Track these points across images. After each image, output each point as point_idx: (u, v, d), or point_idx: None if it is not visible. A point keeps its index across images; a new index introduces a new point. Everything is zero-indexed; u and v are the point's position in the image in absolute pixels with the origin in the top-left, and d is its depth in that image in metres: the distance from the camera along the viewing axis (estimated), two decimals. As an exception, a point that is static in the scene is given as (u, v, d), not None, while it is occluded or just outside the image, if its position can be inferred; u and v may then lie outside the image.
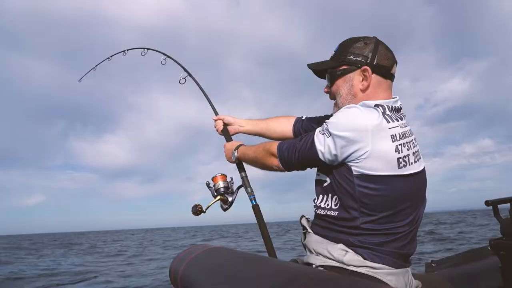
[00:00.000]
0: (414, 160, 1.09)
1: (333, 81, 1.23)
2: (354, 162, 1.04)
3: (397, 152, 1.03)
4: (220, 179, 1.62)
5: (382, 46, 1.18)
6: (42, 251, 18.65)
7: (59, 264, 11.51)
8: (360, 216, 1.06)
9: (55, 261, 12.86)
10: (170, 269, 1.32)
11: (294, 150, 1.17)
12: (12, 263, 12.20)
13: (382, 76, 1.16)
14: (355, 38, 1.21)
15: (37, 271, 9.63)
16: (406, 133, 1.09)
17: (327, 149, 1.07)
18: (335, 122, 1.07)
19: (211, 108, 1.93)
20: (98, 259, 13.26)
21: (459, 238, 12.15)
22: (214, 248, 1.33)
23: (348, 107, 1.10)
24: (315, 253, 1.15)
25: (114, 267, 10.23)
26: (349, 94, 1.18)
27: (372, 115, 1.05)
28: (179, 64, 2.11)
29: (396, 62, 1.20)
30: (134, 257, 12.46)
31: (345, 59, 1.18)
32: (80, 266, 10.80)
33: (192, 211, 1.53)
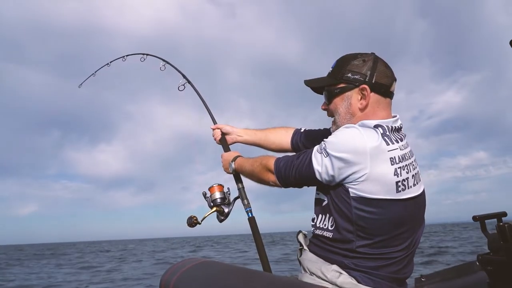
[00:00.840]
0: (413, 183, 1.06)
1: (331, 99, 1.21)
2: (352, 184, 1.02)
3: (396, 175, 1.01)
4: (217, 189, 1.60)
5: (381, 63, 1.15)
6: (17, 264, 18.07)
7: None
8: (356, 240, 1.04)
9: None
10: (161, 281, 1.28)
11: (292, 167, 1.15)
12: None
13: (381, 95, 1.14)
14: (352, 54, 1.18)
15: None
16: (406, 155, 1.07)
17: (324, 169, 1.05)
18: (333, 142, 1.05)
19: (209, 116, 1.90)
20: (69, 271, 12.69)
21: (442, 252, 12.09)
22: (206, 261, 1.31)
23: (347, 127, 1.08)
24: (309, 272, 1.14)
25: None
26: (348, 113, 1.16)
27: (371, 137, 1.02)
28: (178, 70, 2.09)
29: (396, 79, 1.17)
30: (107, 272, 11.64)
31: (343, 77, 1.16)
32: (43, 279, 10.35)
33: (187, 223, 1.51)
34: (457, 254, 11.05)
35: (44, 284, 9.57)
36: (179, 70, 2.08)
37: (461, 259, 9.27)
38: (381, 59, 1.16)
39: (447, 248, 13.29)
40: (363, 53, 1.18)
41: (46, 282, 9.98)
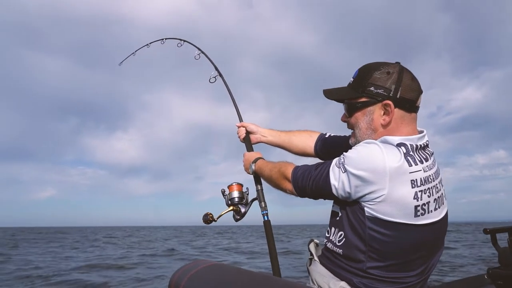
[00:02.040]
0: (434, 207, 1.01)
1: (351, 112, 1.14)
2: (368, 203, 0.98)
3: (416, 199, 0.96)
4: (236, 188, 1.59)
5: (406, 76, 1.06)
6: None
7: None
8: (366, 260, 1.00)
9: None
10: (170, 282, 1.28)
11: (309, 178, 1.12)
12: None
13: (405, 110, 1.06)
14: (376, 64, 1.10)
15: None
16: (429, 178, 1.00)
17: (341, 185, 1.01)
18: (352, 158, 1.00)
19: (236, 113, 1.87)
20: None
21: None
22: (217, 264, 1.31)
23: (368, 143, 1.02)
24: (317, 285, 1.12)
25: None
26: (369, 128, 1.10)
27: (393, 156, 0.96)
28: (212, 62, 2.05)
29: (422, 92, 1.09)
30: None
31: (365, 91, 1.08)
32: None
33: (203, 220, 1.52)
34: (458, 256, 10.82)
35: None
36: (213, 62, 2.05)
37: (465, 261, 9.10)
38: (407, 71, 1.08)
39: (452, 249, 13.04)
40: (388, 63, 1.09)
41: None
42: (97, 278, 7.57)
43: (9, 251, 14.67)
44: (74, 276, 7.69)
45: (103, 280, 7.23)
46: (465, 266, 8.42)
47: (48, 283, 7.13)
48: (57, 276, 7.88)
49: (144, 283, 7.09)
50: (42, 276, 7.66)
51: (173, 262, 10.63)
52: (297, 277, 6.25)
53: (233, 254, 13.72)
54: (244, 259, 11.72)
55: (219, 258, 11.94)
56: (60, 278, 7.52)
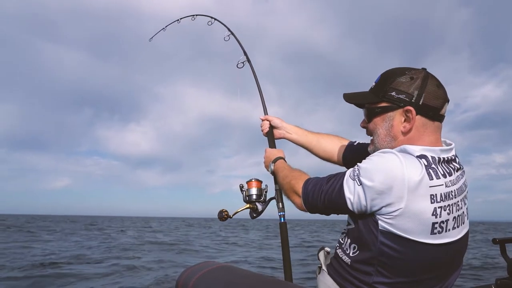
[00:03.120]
0: (453, 226, 0.94)
1: (371, 118, 1.09)
2: (383, 216, 0.92)
3: (434, 215, 0.89)
4: (255, 185, 1.53)
5: (431, 82, 1.00)
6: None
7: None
8: (375, 274, 0.95)
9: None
10: (178, 282, 1.29)
11: (320, 193, 1.05)
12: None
13: (429, 118, 0.99)
14: (400, 69, 1.05)
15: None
16: (451, 194, 0.93)
17: (356, 198, 0.95)
18: (367, 170, 0.93)
19: (261, 105, 1.76)
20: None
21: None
22: (225, 266, 1.30)
23: (385, 152, 0.95)
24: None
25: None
26: (388, 135, 1.04)
27: (412, 168, 0.89)
28: (241, 45, 1.91)
29: (448, 100, 1.03)
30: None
31: (386, 95, 1.03)
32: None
33: (218, 217, 1.48)
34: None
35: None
36: (242, 46, 1.91)
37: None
38: (432, 77, 1.02)
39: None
40: (413, 69, 1.03)
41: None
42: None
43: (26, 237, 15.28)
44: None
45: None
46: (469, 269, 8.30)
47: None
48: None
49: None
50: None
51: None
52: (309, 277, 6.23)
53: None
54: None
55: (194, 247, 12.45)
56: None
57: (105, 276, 6.46)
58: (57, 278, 6.05)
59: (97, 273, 6.60)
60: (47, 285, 5.61)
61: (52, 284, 5.64)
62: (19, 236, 15.41)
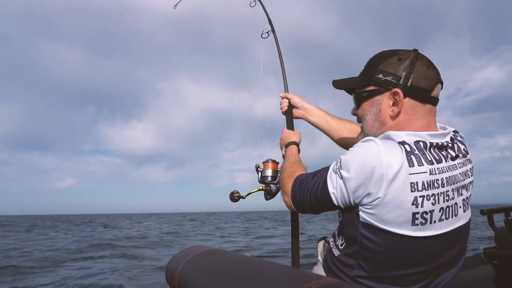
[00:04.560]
0: (441, 217, 0.86)
1: (359, 103, 1.03)
2: (364, 207, 0.87)
3: (415, 205, 0.82)
4: (271, 166, 1.46)
5: (421, 62, 0.94)
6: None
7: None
8: (357, 268, 0.91)
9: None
10: (167, 268, 1.29)
11: (306, 190, 0.99)
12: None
13: (418, 100, 0.93)
14: (388, 51, 0.98)
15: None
16: (437, 182, 0.85)
17: (339, 192, 0.90)
18: (347, 161, 0.88)
19: (282, 80, 1.64)
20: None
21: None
22: (213, 249, 1.30)
23: (365, 141, 0.90)
24: None
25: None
26: (377, 120, 0.99)
27: (391, 154, 0.83)
28: (267, 13, 1.76)
29: (441, 82, 0.96)
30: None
31: (373, 78, 0.97)
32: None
33: (230, 198, 1.43)
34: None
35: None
36: (268, 14, 1.76)
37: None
38: (423, 57, 0.95)
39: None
40: (402, 50, 0.97)
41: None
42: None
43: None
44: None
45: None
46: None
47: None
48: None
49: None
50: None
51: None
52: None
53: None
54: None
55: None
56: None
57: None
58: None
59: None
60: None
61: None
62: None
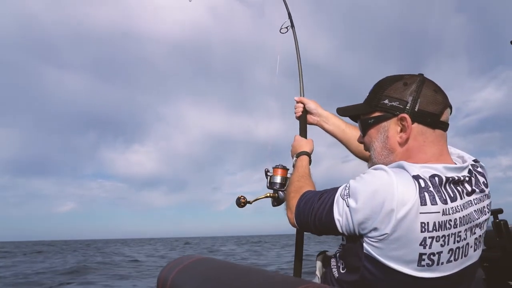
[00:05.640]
0: (448, 259, 0.81)
1: (365, 130, 0.99)
2: (369, 239, 0.82)
3: (423, 246, 0.78)
4: (280, 173, 1.42)
5: (428, 86, 0.90)
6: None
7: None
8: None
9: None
10: (159, 277, 1.29)
11: (311, 211, 0.95)
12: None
13: (427, 125, 0.89)
14: (394, 76, 0.95)
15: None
16: (450, 223, 0.80)
17: (345, 220, 0.85)
18: (356, 189, 0.84)
19: (299, 82, 1.58)
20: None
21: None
22: (203, 258, 1.29)
23: (376, 169, 0.85)
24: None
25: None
26: (385, 148, 0.94)
27: (404, 190, 0.78)
28: (287, 7, 1.69)
29: (450, 106, 0.92)
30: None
31: (379, 104, 0.93)
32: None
33: (236, 203, 1.42)
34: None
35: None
36: (288, 8, 1.68)
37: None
38: (429, 81, 0.92)
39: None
40: (408, 75, 0.94)
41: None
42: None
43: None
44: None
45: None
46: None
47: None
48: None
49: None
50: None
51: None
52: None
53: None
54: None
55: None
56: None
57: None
58: None
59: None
60: None
61: None
62: None
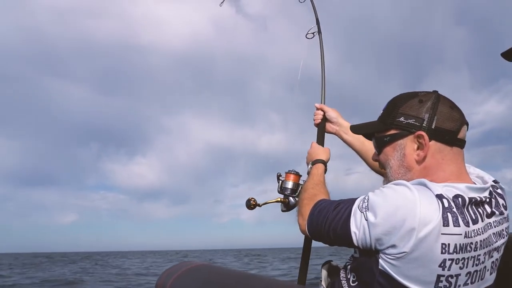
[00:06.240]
0: (466, 282, 0.79)
1: (380, 148, 0.97)
2: (385, 256, 0.80)
3: (442, 267, 0.76)
4: (293, 178, 1.39)
5: (444, 103, 0.89)
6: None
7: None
8: None
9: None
10: (157, 283, 1.29)
11: (325, 221, 0.92)
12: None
13: (445, 143, 0.88)
14: (408, 93, 0.95)
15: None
16: (471, 246, 0.78)
17: (361, 234, 0.83)
18: (376, 204, 0.81)
19: (321, 89, 1.55)
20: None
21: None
22: (201, 264, 1.30)
23: (397, 184, 0.83)
24: None
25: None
26: (402, 166, 0.92)
27: (427, 208, 0.76)
28: (315, 12, 1.65)
29: (467, 123, 0.91)
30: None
31: (394, 122, 0.92)
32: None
33: (246, 205, 1.39)
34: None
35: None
36: (316, 13, 1.65)
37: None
38: (445, 98, 0.91)
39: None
40: (422, 92, 0.93)
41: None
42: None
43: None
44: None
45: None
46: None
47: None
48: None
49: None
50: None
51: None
52: None
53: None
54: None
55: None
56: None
57: None
58: None
59: None
60: None
61: None
62: None
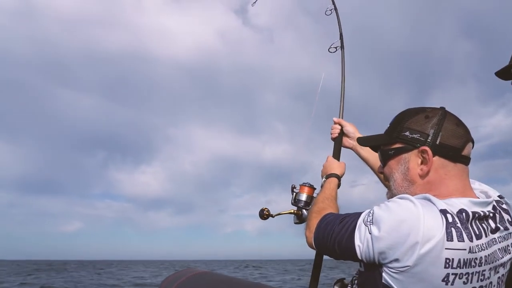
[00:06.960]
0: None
1: (385, 161, 1.00)
2: (389, 269, 0.81)
3: (445, 282, 0.76)
4: (307, 191, 1.40)
5: (450, 120, 0.92)
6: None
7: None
8: None
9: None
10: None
11: (331, 234, 0.92)
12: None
13: (449, 159, 0.89)
14: (415, 109, 0.97)
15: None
16: (475, 261, 0.79)
17: (365, 248, 0.83)
18: (380, 217, 0.82)
19: (340, 103, 1.56)
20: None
21: None
22: (204, 272, 1.30)
23: (402, 198, 0.84)
24: None
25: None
26: (405, 179, 0.94)
27: (431, 223, 0.77)
28: (340, 26, 1.64)
29: (472, 140, 0.93)
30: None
31: (400, 136, 0.94)
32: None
33: (259, 215, 1.39)
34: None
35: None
36: (341, 27, 1.63)
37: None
38: (451, 115, 0.93)
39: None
40: (430, 108, 0.96)
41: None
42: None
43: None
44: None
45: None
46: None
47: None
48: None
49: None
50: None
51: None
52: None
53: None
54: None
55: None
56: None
57: None
58: None
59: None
60: None
61: None
62: None
